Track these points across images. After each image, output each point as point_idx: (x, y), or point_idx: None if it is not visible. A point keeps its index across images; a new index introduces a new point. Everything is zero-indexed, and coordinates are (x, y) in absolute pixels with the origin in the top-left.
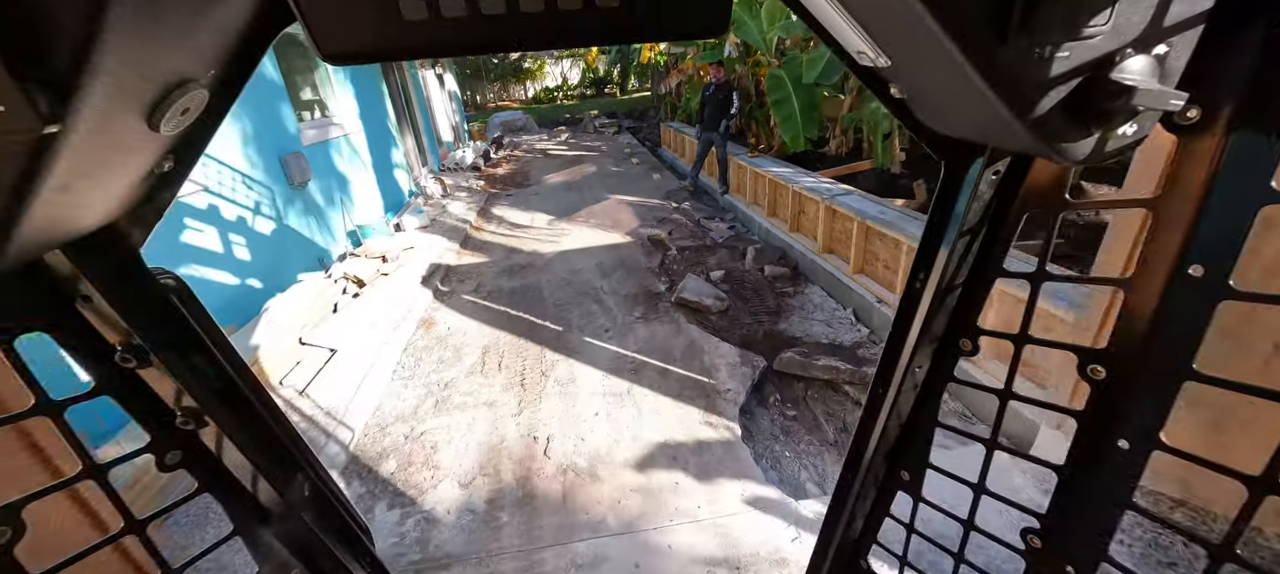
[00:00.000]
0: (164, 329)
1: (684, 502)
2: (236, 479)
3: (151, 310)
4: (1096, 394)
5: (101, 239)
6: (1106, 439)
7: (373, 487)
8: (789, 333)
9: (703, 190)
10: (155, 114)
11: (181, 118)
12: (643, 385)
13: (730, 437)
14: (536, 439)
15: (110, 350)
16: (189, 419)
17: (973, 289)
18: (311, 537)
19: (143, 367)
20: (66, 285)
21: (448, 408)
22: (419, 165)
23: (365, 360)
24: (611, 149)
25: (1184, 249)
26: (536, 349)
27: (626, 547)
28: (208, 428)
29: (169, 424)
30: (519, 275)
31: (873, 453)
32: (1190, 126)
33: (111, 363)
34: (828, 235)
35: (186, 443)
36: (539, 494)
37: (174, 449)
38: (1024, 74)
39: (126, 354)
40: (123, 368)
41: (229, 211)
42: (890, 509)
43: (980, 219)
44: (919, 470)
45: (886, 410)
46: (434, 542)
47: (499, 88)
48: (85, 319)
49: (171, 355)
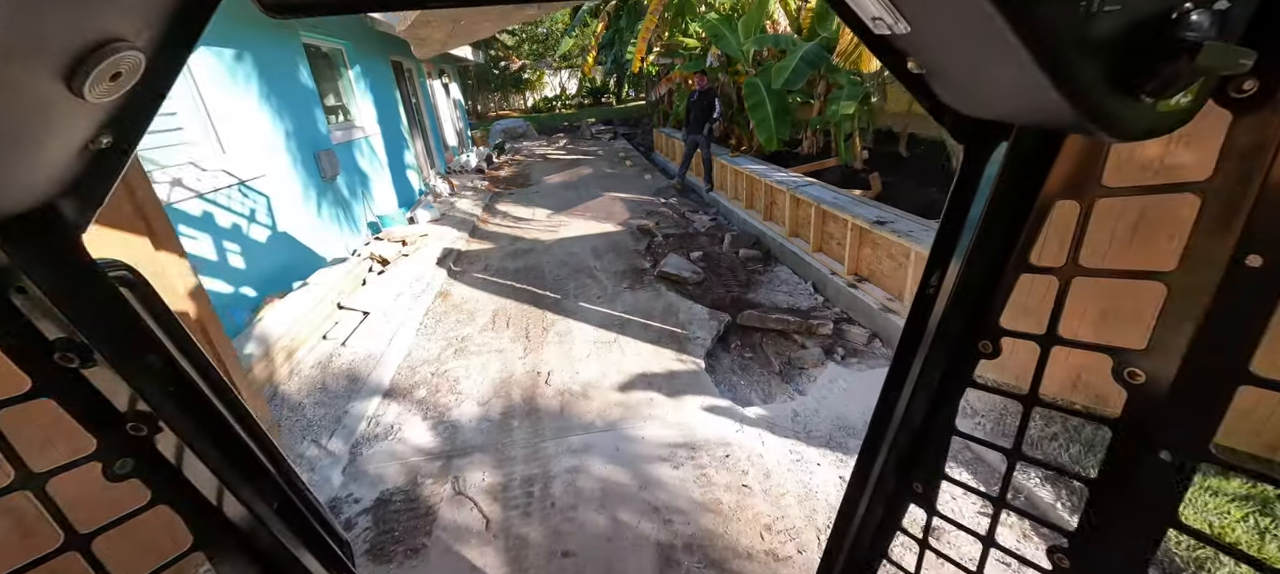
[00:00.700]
0: (110, 324)
1: (656, 411)
2: (196, 490)
3: (96, 303)
4: (1135, 400)
5: (36, 224)
6: (1146, 450)
7: (408, 407)
8: (755, 300)
9: (690, 188)
10: (76, 76)
11: (112, 84)
12: (627, 336)
13: (696, 369)
14: (539, 374)
15: (49, 348)
16: (141, 424)
17: (994, 286)
18: (281, 552)
19: (86, 366)
20: (1, 277)
21: (465, 354)
22: (428, 167)
23: (394, 320)
24: (607, 153)
25: (1241, 238)
26: (538, 312)
27: (609, 439)
28: (163, 434)
29: (118, 429)
30: (522, 258)
31: (883, 463)
32: (1247, 99)
33: (49, 361)
34: (793, 221)
35: (138, 450)
36: (541, 409)
37: (124, 457)
38: (1067, 30)
39: (67, 352)
40: (63, 367)
41: (278, 196)
42: (902, 523)
43: (1007, 208)
44: (933, 482)
45: (898, 418)
46: (460, 439)
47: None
48: (19, 312)
49: (119, 353)
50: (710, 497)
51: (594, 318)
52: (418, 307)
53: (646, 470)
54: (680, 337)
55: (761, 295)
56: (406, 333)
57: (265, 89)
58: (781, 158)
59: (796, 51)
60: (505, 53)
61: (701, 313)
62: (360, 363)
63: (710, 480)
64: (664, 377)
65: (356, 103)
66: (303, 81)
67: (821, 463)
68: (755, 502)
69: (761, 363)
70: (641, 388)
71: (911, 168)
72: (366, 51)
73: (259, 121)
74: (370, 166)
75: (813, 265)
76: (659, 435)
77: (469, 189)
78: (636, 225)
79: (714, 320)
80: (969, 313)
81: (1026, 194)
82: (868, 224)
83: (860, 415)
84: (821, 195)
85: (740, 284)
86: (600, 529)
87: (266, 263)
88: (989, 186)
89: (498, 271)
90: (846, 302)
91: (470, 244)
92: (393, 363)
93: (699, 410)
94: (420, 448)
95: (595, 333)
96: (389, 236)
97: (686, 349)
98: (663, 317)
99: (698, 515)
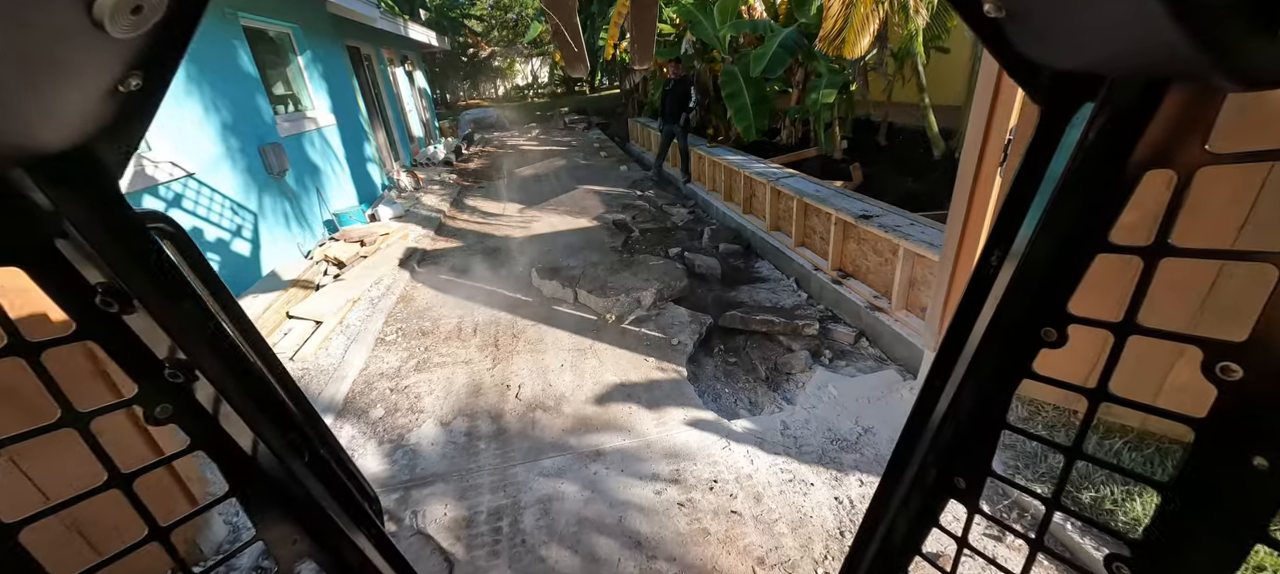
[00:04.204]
0: (149, 272)
1: (636, 426)
2: (232, 438)
3: (135, 250)
4: (1228, 398)
5: (76, 169)
6: (1236, 454)
7: (363, 429)
8: (738, 299)
9: (666, 180)
10: (96, 4)
11: (134, 18)
12: (603, 341)
13: (677, 378)
14: (509, 387)
15: (91, 291)
16: (178, 372)
17: (1067, 266)
18: (313, 506)
19: (126, 312)
20: (44, 220)
21: (428, 366)
22: (391, 160)
23: (350, 330)
24: (581, 144)
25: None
26: (509, 317)
27: (585, 461)
28: (200, 381)
29: (158, 376)
30: (492, 257)
31: (925, 454)
32: None
33: (92, 305)
34: (774, 214)
35: (176, 396)
36: (511, 428)
37: (163, 402)
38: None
39: (108, 297)
40: (104, 311)
41: (215, 197)
42: (939, 519)
43: (1085, 179)
44: (978, 477)
45: (943, 408)
46: (420, 466)
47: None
48: (62, 257)
49: (158, 302)
50: (697, 527)
51: (568, 322)
52: (376, 313)
53: (626, 496)
54: (660, 343)
55: (743, 293)
56: (363, 344)
57: (196, 75)
58: (760, 148)
59: (775, 38)
60: (473, 39)
61: (682, 314)
62: (311, 378)
63: (696, 507)
64: (643, 387)
65: (308, 91)
66: (243, 68)
67: (815, 483)
68: (746, 531)
69: (747, 369)
70: (620, 400)
71: (890, 158)
72: (318, 35)
73: (189, 112)
74: (324, 161)
75: (795, 260)
76: (640, 455)
77: (436, 183)
78: (612, 220)
79: (695, 323)
80: (1033, 296)
81: (1114, 160)
82: (852, 218)
83: (852, 427)
84: (804, 187)
85: (721, 281)
86: (576, 570)
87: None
88: (1068, 152)
89: (465, 272)
90: (831, 299)
91: (436, 243)
92: (347, 378)
93: (682, 425)
94: (375, 478)
95: (570, 339)
96: (346, 236)
97: (667, 357)
98: (641, 320)
99: (684, 549)
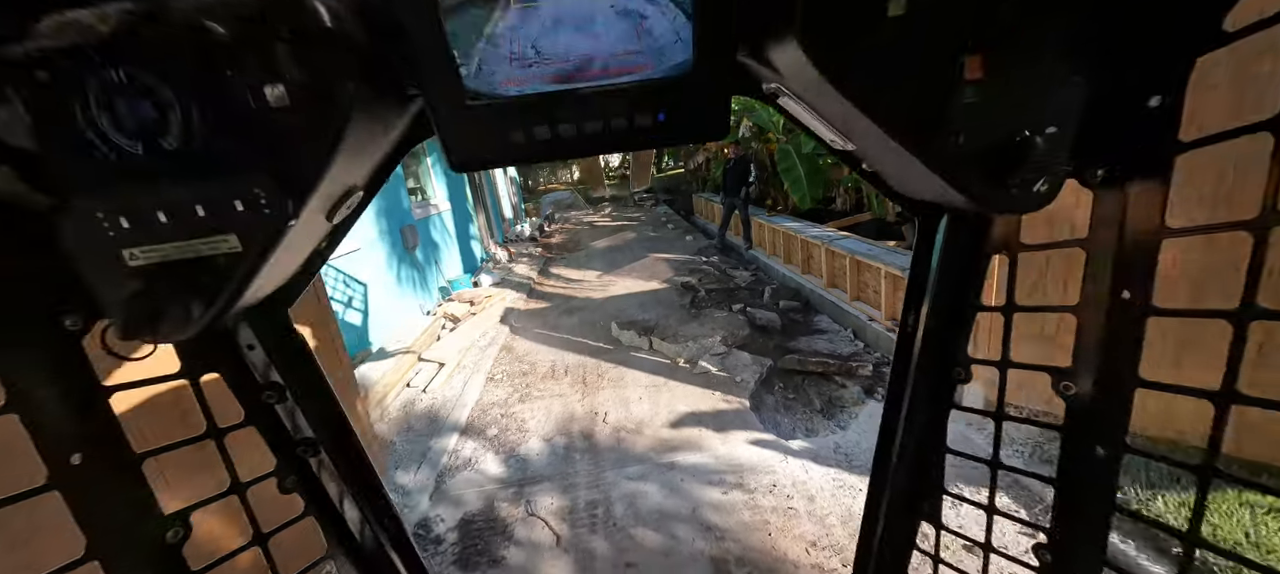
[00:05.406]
0: (297, 372)
1: (705, 444)
2: (333, 505)
3: (291, 357)
4: (1070, 407)
5: (268, 306)
6: (1086, 448)
7: (483, 443)
8: (797, 347)
9: (729, 247)
10: (333, 210)
11: (345, 211)
12: (675, 380)
13: (741, 408)
14: (597, 413)
15: (260, 388)
16: (306, 449)
17: (959, 324)
18: (387, 566)
19: (279, 402)
20: (239, 338)
21: (530, 398)
22: (489, 237)
23: (466, 370)
24: (649, 219)
25: (1115, 278)
26: (593, 361)
27: (663, 468)
28: (319, 457)
29: (290, 452)
30: (576, 314)
31: (891, 480)
32: (1100, 182)
33: (258, 398)
34: (830, 272)
35: (301, 470)
36: (600, 444)
37: (292, 475)
38: (948, 152)
39: (269, 392)
40: (266, 403)
41: (370, 265)
42: (916, 541)
43: (955, 264)
44: (935, 498)
45: (898, 439)
46: (530, 470)
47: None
48: (246, 363)
49: (303, 394)
50: (758, 518)
51: (644, 364)
52: (485, 358)
53: (698, 495)
54: (726, 381)
55: (802, 343)
56: (477, 381)
57: None
58: (816, 215)
59: None
60: None
61: (745, 358)
62: (439, 406)
63: (757, 504)
64: (711, 414)
65: (433, 184)
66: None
67: (864, 489)
68: (801, 523)
69: (804, 402)
70: (691, 425)
71: None
72: None
73: None
74: (442, 239)
75: (851, 313)
76: (709, 465)
77: (525, 255)
78: (681, 281)
79: (757, 365)
80: (941, 346)
81: (968, 250)
82: (900, 271)
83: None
84: (855, 247)
85: (781, 332)
86: (659, 545)
87: (359, 322)
88: (938, 249)
89: (554, 326)
90: (886, 346)
91: (529, 304)
92: (468, 405)
93: (745, 444)
94: (495, 477)
95: (646, 378)
96: (459, 298)
97: (732, 391)
98: (708, 362)
99: (747, 534)
